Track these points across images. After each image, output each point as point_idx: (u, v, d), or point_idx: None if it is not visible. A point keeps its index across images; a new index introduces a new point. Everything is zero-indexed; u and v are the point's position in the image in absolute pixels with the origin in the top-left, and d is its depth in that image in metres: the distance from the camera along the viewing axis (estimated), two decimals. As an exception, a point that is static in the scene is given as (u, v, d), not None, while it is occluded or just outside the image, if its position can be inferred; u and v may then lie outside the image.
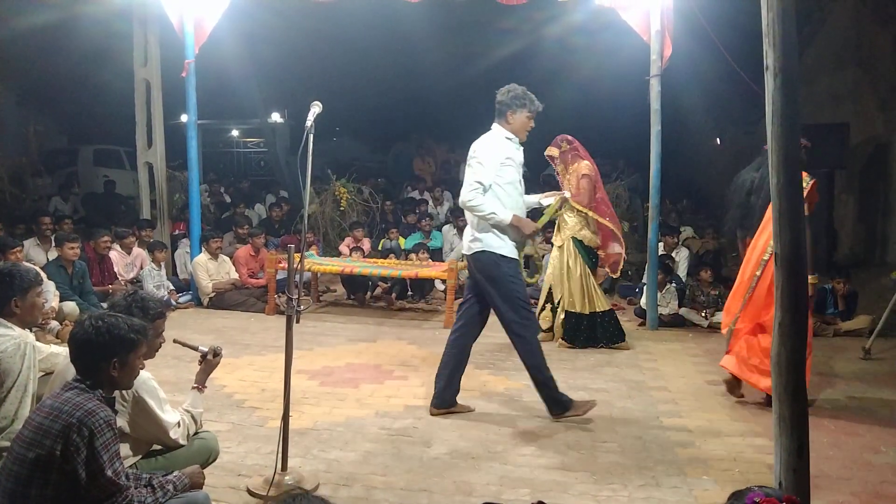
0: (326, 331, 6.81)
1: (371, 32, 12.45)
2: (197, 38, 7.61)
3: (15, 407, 2.87)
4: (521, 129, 4.36)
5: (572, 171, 6.21)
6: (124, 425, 2.74)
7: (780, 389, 2.54)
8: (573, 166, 6.21)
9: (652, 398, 4.90)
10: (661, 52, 6.87)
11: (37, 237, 7.82)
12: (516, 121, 4.34)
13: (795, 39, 2.50)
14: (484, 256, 4.28)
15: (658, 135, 6.93)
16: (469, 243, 4.37)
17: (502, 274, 4.27)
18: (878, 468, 3.76)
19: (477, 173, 4.19)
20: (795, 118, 2.50)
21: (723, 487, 3.45)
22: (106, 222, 9.74)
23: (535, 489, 3.44)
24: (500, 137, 4.32)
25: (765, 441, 3.96)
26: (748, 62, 6.02)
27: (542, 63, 13.51)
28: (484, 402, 4.76)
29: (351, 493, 3.38)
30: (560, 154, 6.26)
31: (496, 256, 4.27)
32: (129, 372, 2.50)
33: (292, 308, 3.39)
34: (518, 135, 4.35)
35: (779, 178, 2.51)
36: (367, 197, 11.10)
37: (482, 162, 4.20)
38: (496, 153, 4.23)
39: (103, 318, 2.45)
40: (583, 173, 6.14)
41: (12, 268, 3.18)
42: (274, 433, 3.58)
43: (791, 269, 2.51)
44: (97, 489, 2.26)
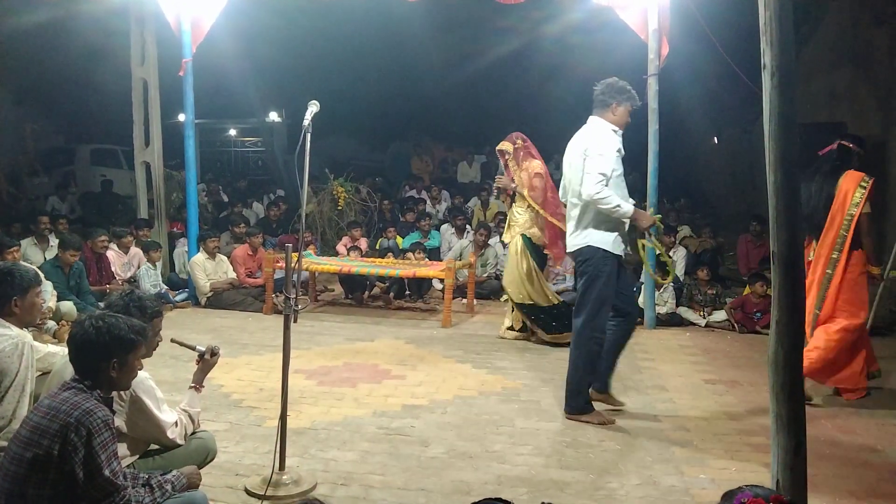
0: (324, 330, 6.81)
1: (369, 31, 12.46)
2: (194, 37, 7.60)
3: (13, 407, 2.86)
4: (622, 122, 4.39)
5: (524, 168, 6.27)
6: (122, 425, 2.73)
7: (777, 388, 2.54)
8: (525, 164, 6.28)
9: (649, 397, 4.91)
10: (658, 51, 6.88)
11: (34, 237, 7.80)
12: (620, 114, 4.37)
13: (792, 38, 2.50)
14: (588, 252, 4.28)
15: (655, 134, 6.93)
16: (573, 239, 4.37)
17: (601, 272, 4.25)
18: (875, 467, 3.77)
19: (599, 165, 4.15)
20: (792, 117, 2.50)
21: (720, 486, 3.45)
22: (103, 222, 9.73)
23: (533, 488, 3.44)
24: (608, 130, 4.33)
25: (762, 440, 3.97)
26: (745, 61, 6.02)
27: (540, 62, 13.54)
28: (481, 401, 4.76)
29: (349, 492, 3.38)
30: (514, 151, 6.31)
31: (600, 252, 4.26)
32: (128, 373, 2.49)
33: (290, 307, 3.39)
34: (620, 127, 4.39)
35: (775, 177, 2.51)
36: (365, 196, 11.09)
37: (603, 153, 4.19)
38: (612, 145, 4.25)
39: (104, 319, 2.45)
40: (536, 171, 6.22)
41: (13, 267, 3.18)
42: (272, 432, 3.58)
43: (788, 268, 2.51)
44: (95, 489, 2.26)
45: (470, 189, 12.93)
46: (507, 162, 6.33)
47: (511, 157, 6.30)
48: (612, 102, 4.34)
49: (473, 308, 7.89)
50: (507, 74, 15.03)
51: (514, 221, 6.35)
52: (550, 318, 6.32)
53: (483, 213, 11.29)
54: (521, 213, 6.28)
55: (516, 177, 6.30)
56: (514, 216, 6.34)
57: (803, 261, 2.56)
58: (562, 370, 5.46)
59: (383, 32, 12.45)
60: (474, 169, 14.63)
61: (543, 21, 10.47)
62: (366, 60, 14.77)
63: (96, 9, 9.28)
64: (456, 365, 5.65)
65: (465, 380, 5.25)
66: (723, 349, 6.36)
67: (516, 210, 6.31)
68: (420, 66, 14.42)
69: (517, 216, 6.31)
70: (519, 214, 6.29)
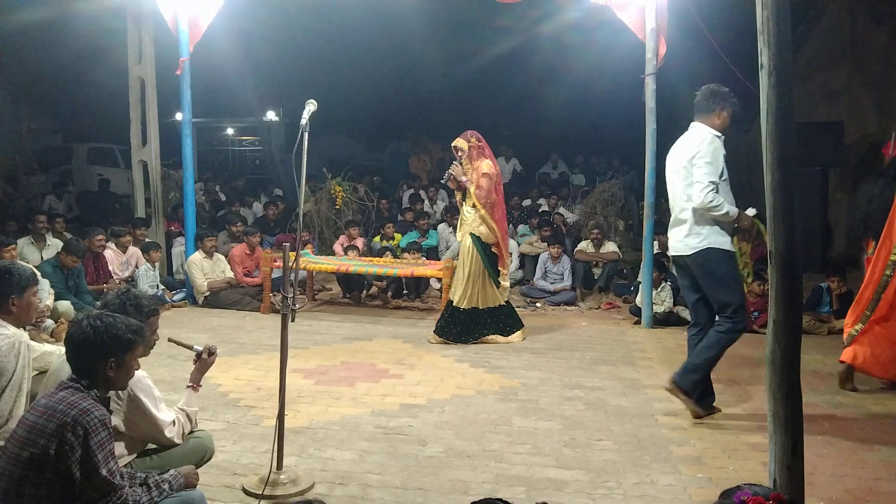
0: (322, 329, 6.81)
1: (366, 30, 12.45)
2: (191, 35, 7.59)
3: (9, 406, 2.86)
4: (724, 126, 4.44)
5: (475, 167, 6.30)
6: (119, 424, 2.73)
7: (775, 387, 2.55)
8: (476, 163, 6.30)
9: (647, 396, 4.91)
10: (656, 51, 6.88)
11: (31, 235, 7.78)
12: (723, 119, 4.43)
13: (790, 38, 2.51)
14: (709, 253, 4.31)
15: (653, 133, 6.95)
16: (687, 240, 4.38)
17: (727, 271, 4.31)
18: (871, 465, 3.77)
19: (709, 173, 4.22)
20: (790, 116, 2.50)
21: (717, 485, 3.46)
22: (100, 221, 9.71)
23: (531, 487, 3.44)
24: (712, 135, 4.37)
25: (760, 438, 3.97)
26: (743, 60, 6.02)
27: (538, 61, 13.52)
28: (479, 400, 4.76)
29: (346, 491, 3.38)
30: (468, 148, 6.34)
31: (722, 253, 4.31)
32: (126, 372, 2.49)
33: (288, 307, 3.39)
34: (722, 132, 4.44)
35: (773, 177, 2.51)
36: (363, 195, 11.08)
37: (711, 161, 4.25)
38: (719, 151, 4.31)
39: (101, 318, 2.45)
40: (484, 171, 6.24)
41: (11, 266, 3.17)
42: (269, 432, 3.57)
43: (785, 267, 2.52)
44: (92, 488, 2.25)
45: (468, 188, 12.90)
46: (460, 158, 6.36)
47: (465, 154, 6.34)
48: (717, 108, 4.42)
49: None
50: (504, 73, 15.03)
51: (464, 220, 6.39)
52: (501, 320, 6.39)
53: (481, 213, 11.26)
54: (471, 212, 6.30)
55: (467, 174, 6.34)
56: (464, 214, 6.38)
57: (800, 260, 2.56)
58: (560, 370, 5.49)
59: (381, 31, 12.45)
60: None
61: (541, 20, 10.47)
62: (363, 59, 14.75)
63: (93, 8, 9.27)
64: (454, 364, 5.65)
65: (463, 379, 5.25)
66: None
67: (466, 209, 6.34)
68: (418, 64, 14.40)
69: (467, 215, 6.33)
70: (468, 213, 6.32)
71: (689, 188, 4.28)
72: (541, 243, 9.34)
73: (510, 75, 15.05)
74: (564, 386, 5.10)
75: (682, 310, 7.39)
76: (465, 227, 6.34)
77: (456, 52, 13.76)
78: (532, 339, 6.53)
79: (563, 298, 8.39)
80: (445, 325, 6.34)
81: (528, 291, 8.69)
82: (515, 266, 9.43)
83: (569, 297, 8.43)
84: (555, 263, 8.68)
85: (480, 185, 6.23)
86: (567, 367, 5.62)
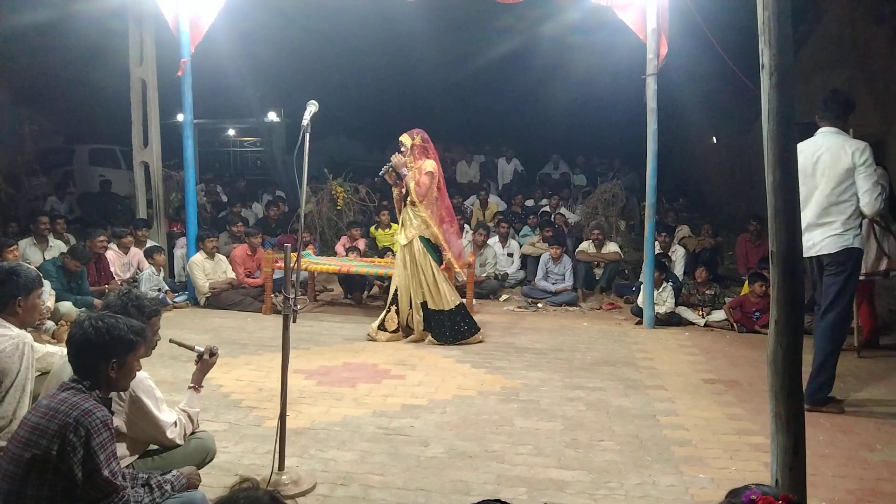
0: (323, 330, 6.81)
1: (367, 31, 12.45)
2: (193, 36, 7.59)
3: (13, 407, 2.86)
4: None
5: (418, 165, 6.26)
6: (121, 425, 2.73)
7: (777, 388, 2.54)
8: (419, 162, 6.28)
9: (648, 397, 4.91)
10: (657, 51, 6.88)
11: (33, 236, 7.79)
12: (850, 124, 4.63)
13: (791, 38, 2.50)
14: (850, 253, 4.50)
15: (654, 133, 6.94)
16: (836, 239, 4.49)
17: (856, 271, 4.57)
18: (873, 466, 3.77)
19: (875, 178, 4.42)
20: (791, 116, 2.50)
21: (719, 485, 3.46)
22: (102, 222, 9.72)
23: (532, 488, 3.44)
24: (865, 143, 4.52)
25: (761, 439, 3.97)
26: (744, 60, 6.03)
27: (539, 61, 13.53)
28: (481, 400, 4.76)
29: (348, 492, 3.38)
30: (411, 146, 6.32)
31: (858, 252, 4.56)
32: (127, 373, 2.49)
33: (289, 307, 3.39)
34: None
35: (774, 177, 2.51)
36: (364, 196, 11.09)
37: (871, 165, 4.42)
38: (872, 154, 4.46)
39: (103, 319, 2.45)
40: (428, 170, 6.23)
41: (18, 267, 3.18)
42: (271, 433, 3.58)
43: (787, 267, 2.51)
44: (94, 489, 2.26)
45: (468, 189, 12.92)
46: (404, 153, 6.29)
47: (408, 150, 6.30)
48: (850, 113, 4.62)
49: (472, 308, 7.88)
50: (505, 74, 15.04)
51: (408, 222, 6.28)
52: (446, 324, 6.27)
53: (482, 213, 11.29)
54: (416, 216, 6.24)
55: (410, 171, 6.26)
56: (408, 216, 6.28)
57: (802, 260, 2.56)
58: (561, 370, 5.49)
59: (382, 32, 12.44)
60: (473, 168, 14.64)
61: (542, 21, 10.48)
62: (364, 60, 14.76)
63: (95, 9, 9.27)
64: (455, 365, 5.65)
65: (465, 379, 5.25)
66: (722, 349, 6.37)
67: (411, 212, 6.26)
68: (419, 65, 14.41)
69: (412, 218, 6.25)
70: (414, 216, 6.25)
71: (846, 192, 4.42)
72: (542, 244, 9.34)
73: (511, 76, 15.06)
74: (566, 387, 5.10)
75: (684, 310, 7.40)
76: (412, 230, 6.24)
77: (457, 53, 13.77)
78: (533, 340, 6.53)
79: (564, 299, 8.39)
80: (438, 328, 6.29)
81: (529, 292, 8.68)
82: (517, 266, 9.44)
83: (570, 297, 8.43)
84: (556, 264, 8.68)
85: (422, 181, 6.17)
86: (568, 367, 5.62)
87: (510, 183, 13.92)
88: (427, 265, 6.23)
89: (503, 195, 12.79)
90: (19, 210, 10.71)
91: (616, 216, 10.37)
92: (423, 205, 6.21)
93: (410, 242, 6.25)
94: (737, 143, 13.60)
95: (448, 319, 6.29)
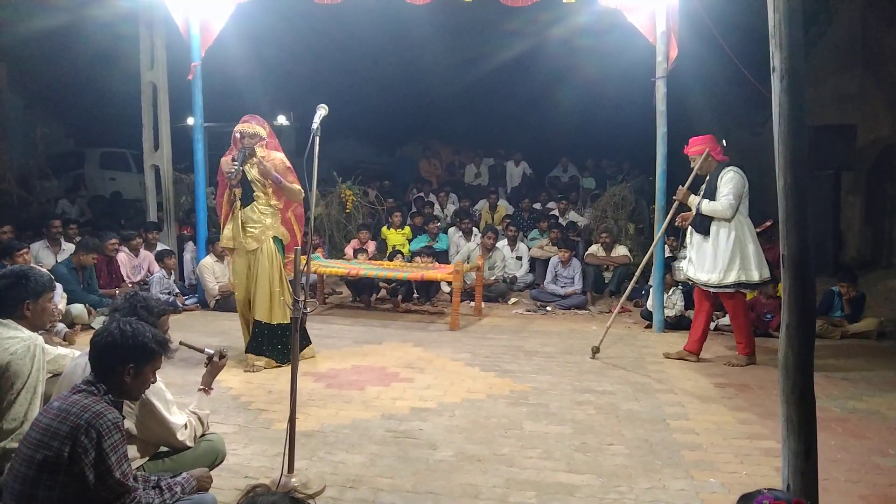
0: (332, 333, 6.82)
1: (376, 35, 12.47)
2: (203, 40, 7.63)
3: (24, 409, 2.87)
4: None
5: (271, 158, 5.59)
6: (131, 427, 2.75)
7: (788, 392, 2.53)
8: (271, 153, 5.64)
9: (658, 400, 4.89)
10: (666, 54, 6.87)
11: (46, 240, 7.85)
12: None
13: (802, 41, 2.50)
14: None
15: (664, 136, 6.92)
16: None
17: None
18: (886, 471, 3.74)
19: None
20: (802, 119, 2.49)
21: (730, 490, 3.44)
22: (113, 225, 9.78)
23: (542, 492, 3.43)
24: None
25: (772, 443, 3.95)
26: (754, 64, 6.01)
27: (548, 64, 13.51)
28: (490, 404, 4.75)
29: (357, 495, 3.38)
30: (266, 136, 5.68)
31: None
32: (141, 383, 2.51)
33: (299, 310, 3.40)
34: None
35: (786, 180, 2.50)
36: (373, 199, 11.11)
37: None
38: None
39: (131, 324, 2.49)
40: (288, 165, 5.63)
41: (28, 270, 3.19)
42: (280, 435, 3.58)
43: (798, 270, 2.50)
44: (105, 491, 2.27)
45: (477, 192, 12.92)
46: (255, 145, 5.56)
47: (264, 143, 5.63)
48: None
49: (481, 311, 7.88)
50: (514, 77, 15.02)
51: (258, 222, 5.49)
52: (281, 341, 5.56)
53: (491, 216, 11.29)
54: (266, 212, 5.53)
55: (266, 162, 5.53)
56: (257, 216, 5.49)
57: (813, 263, 2.55)
58: (570, 374, 5.48)
59: (391, 36, 12.46)
60: (482, 172, 14.64)
61: (551, 24, 10.46)
62: (374, 64, 14.78)
63: (106, 13, 9.35)
64: (464, 368, 5.65)
65: (474, 383, 5.24)
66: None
67: (260, 209, 5.51)
68: (427, 69, 14.41)
69: (264, 217, 5.51)
70: (264, 214, 5.52)
71: None
72: (551, 247, 9.33)
73: (520, 79, 15.05)
74: (575, 390, 5.09)
75: (693, 313, 7.36)
76: (268, 230, 5.51)
77: (465, 56, 13.77)
78: (543, 343, 6.52)
79: (573, 302, 8.37)
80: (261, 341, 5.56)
81: (538, 295, 8.67)
82: (526, 270, 9.43)
83: (579, 300, 8.41)
84: (565, 267, 8.66)
85: (290, 178, 5.55)
86: (578, 371, 5.61)
87: (519, 186, 13.91)
88: (275, 270, 5.53)
89: (512, 198, 12.78)
90: (31, 213, 10.78)
91: (625, 219, 10.34)
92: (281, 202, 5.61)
93: (262, 246, 5.50)
94: (747, 146, 13.53)
95: (283, 335, 5.56)
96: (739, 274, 5.61)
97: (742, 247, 5.61)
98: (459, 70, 14.12)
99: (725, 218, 5.62)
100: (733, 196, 5.58)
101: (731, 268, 5.61)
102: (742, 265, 5.60)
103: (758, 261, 5.63)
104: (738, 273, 5.60)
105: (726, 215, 5.61)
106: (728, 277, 5.62)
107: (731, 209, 5.58)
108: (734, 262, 5.60)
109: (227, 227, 5.65)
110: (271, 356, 5.55)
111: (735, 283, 5.64)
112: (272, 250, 5.53)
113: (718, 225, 5.68)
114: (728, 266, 5.62)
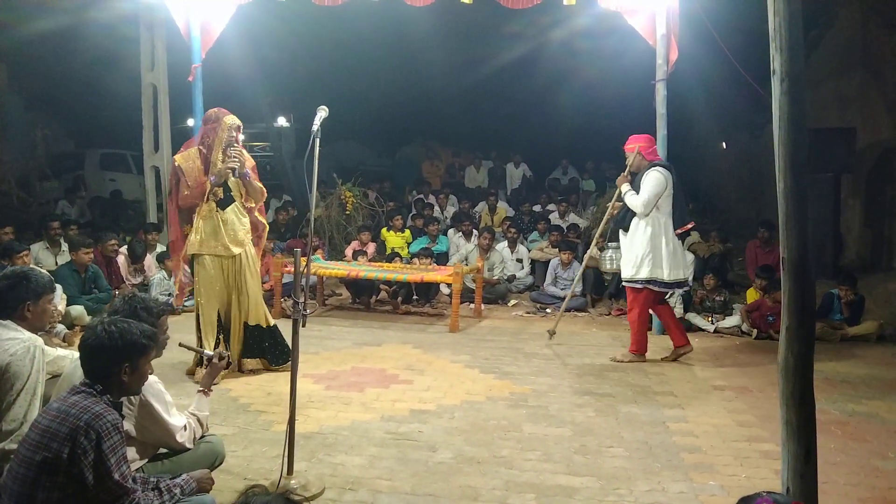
0: (332, 334, 6.82)
1: (377, 37, 12.50)
2: (204, 42, 7.63)
3: (24, 410, 2.87)
4: None
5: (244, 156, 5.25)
6: (131, 429, 2.75)
7: (788, 395, 2.53)
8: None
9: (658, 403, 4.89)
10: (666, 57, 6.87)
11: (46, 241, 7.85)
12: None
13: (802, 43, 2.50)
14: None
15: (664, 139, 6.92)
16: None
17: None
18: (885, 474, 3.74)
19: None
20: (802, 122, 2.49)
21: (729, 493, 3.44)
22: (112, 226, 9.78)
23: (541, 494, 3.43)
24: None
25: (771, 446, 3.95)
26: (754, 66, 6.01)
27: (548, 67, 13.53)
28: (489, 406, 4.75)
29: (356, 497, 3.38)
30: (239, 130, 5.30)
31: None
32: (139, 377, 2.51)
33: (298, 312, 3.40)
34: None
35: (785, 182, 2.50)
36: (373, 201, 11.10)
37: None
38: None
39: (115, 324, 2.47)
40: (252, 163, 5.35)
41: (29, 272, 3.19)
42: (280, 437, 3.58)
43: (798, 273, 2.50)
44: (104, 492, 2.27)
45: (477, 194, 12.93)
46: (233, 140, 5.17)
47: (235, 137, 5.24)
48: None
49: (481, 312, 7.88)
50: (514, 79, 15.05)
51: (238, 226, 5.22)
52: (275, 344, 5.43)
53: (490, 218, 11.29)
54: (244, 213, 5.32)
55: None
56: (232, 219, 5.19)
57: (812, 266, 2.55)
58: (570, 375, 5.48)
59: (392, 38, 12.48)
60: (482, 174, 14.63)
61: (551, 27, 10.47)
62: (374, 66, 14.79)
63: (106, 15, 9.35)
64: (464, 370, 5.64)
65: (473, 385, 5.24)
66: (731, 355, 6.34)
67: (239, 210, 5.26)
68: (428, 71, 14.44)
69: (244, 219, 5.30)
70: (243, 215, 5.29)
71: None
72: (551, 249, 9.32)
73: (520, 81, 15.07)
74: (575, 392, 5.09)
75: (693, 316, 7.37)
76: (248, 233, 5.33)
77: (466, 59, 13.79)
78: (542, 346, 6.52)
79: (573, 304, 8.36)
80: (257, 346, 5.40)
81: (538, 297, 8.66)
82: (526, 272, 9.42)
83: (579, 303, 8.40)
84: (565, 269, 8.66)
85: (256, 177, 5.33)
86: (577, 373, 5.60)
87: (519, 188, 13.91)
88: (255, 276, 5.37)
89: (512, 200, 12.79)
90: (31, 214, 10.78)
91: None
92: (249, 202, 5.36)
93: (244, 251, 5.27)
94: (747, 148, 13.55)
95: (272, 337, 5.45)
96: (650, 271, 5.73)
97: (655, 245, 5.74)
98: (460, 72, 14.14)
99: (639, 213, 5.79)
100: (649, 195, 5.71)
101: (643, 263, 5.75)
102: (653, 262, 5.72)
103: (671, 261, 5.73)
104: (649, 270, 5.73)
105: (639, 210, 5.78)
106: (640, 273, 5.75)
107: (644, 206, 5.73)
108: (646, 259, 5.73)
109: (192, 234, 5.18)
110: (269, 358, 5.45)
111: (645, 279, 5.75)
112: (252, 253, 5.36)
113: (637, 222, 5.83)
114: (640, 262, 5.76)
